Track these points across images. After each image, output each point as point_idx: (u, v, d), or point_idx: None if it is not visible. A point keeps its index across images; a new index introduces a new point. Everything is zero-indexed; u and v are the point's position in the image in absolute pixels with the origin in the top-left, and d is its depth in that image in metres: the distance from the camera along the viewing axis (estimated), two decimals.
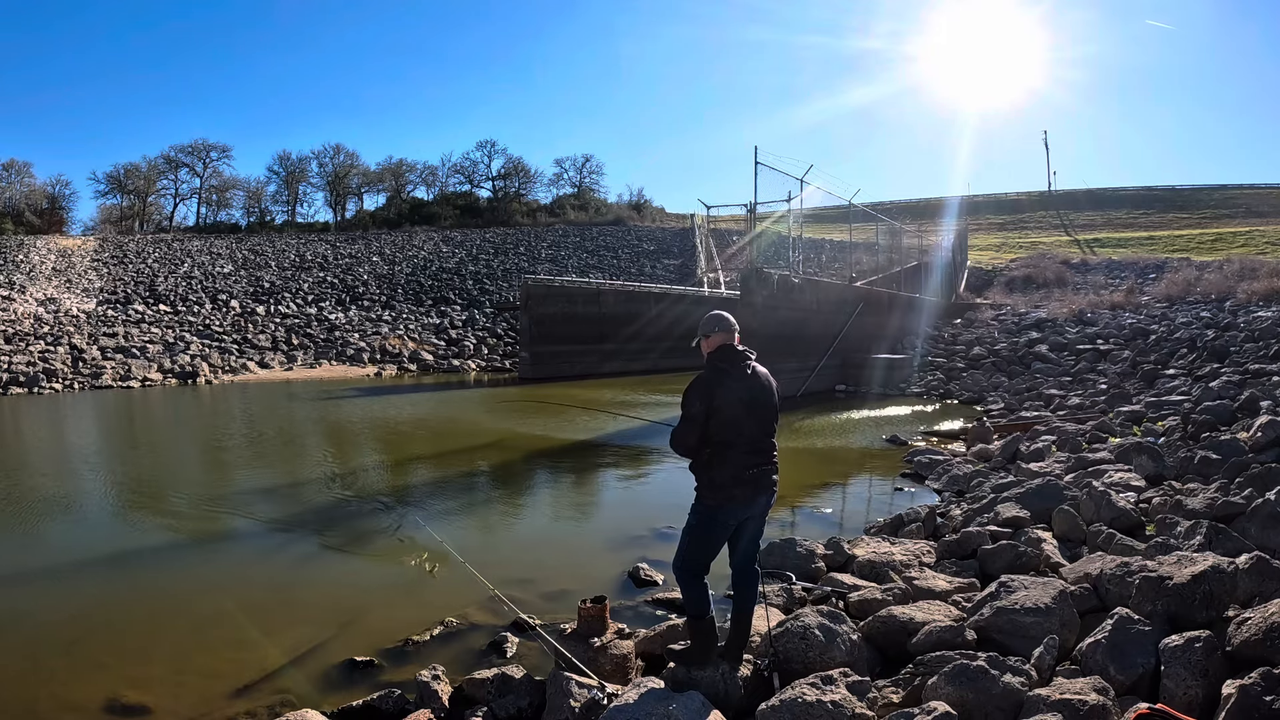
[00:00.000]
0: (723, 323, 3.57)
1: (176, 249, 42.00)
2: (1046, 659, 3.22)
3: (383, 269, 39.52)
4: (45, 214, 52.75)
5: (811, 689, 3.03)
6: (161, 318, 30.75)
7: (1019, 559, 4.88)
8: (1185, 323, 18.25)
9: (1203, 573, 3.40)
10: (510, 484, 9.55)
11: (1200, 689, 2.84)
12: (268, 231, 52.08)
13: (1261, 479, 5.45)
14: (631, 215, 56.43)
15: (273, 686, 3.98)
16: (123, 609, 5.18)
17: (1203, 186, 51.02)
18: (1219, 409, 8.69)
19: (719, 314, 3.62)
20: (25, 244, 38.49)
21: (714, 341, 3.54)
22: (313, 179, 63.85)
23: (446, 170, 64.24)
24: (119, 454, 12.07)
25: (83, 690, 3.95)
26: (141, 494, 8.76)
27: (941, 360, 19.79)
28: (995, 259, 37.36)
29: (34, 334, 26.64)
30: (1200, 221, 41.51)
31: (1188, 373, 13.68)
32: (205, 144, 61.61)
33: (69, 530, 7.40)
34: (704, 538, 3.48)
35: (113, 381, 22.83)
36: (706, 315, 3.64)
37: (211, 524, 7.37)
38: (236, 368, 25.91)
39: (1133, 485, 6.51)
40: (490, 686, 3.61)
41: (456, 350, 29.31)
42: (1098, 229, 43.92)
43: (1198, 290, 22.30)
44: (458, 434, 13.21)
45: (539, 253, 42.87)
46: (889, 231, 28.15)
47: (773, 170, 17.39)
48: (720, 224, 40.09)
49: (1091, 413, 11.78)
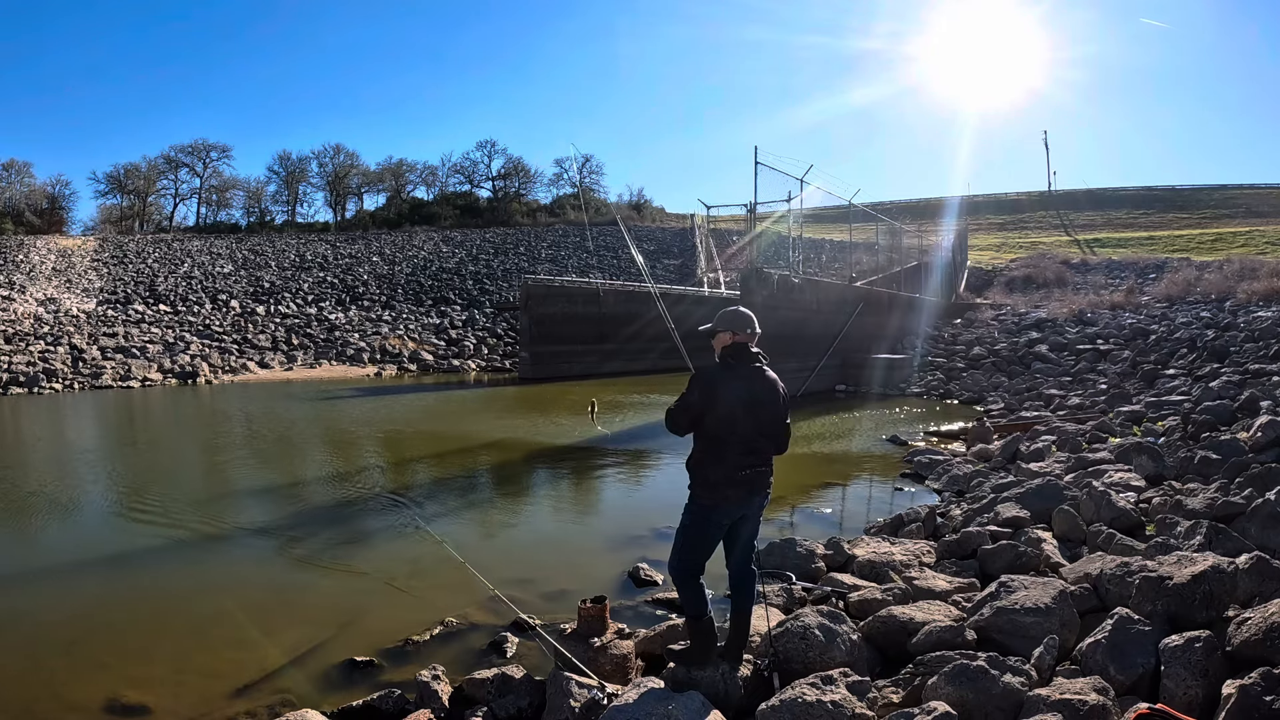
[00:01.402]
0: (736, 321, 3.55)
1: (176, 249, 42.00)
2: (1046, 659, 3.22)
3: (383, 269, 39.51)
4: (45, 214, 52.76)
5: (811, 689, 3.03)
6: (161, 318, 30.75)
7: (1019, 559, 4.88)
8: (1185, 323, 18.25)
9: (1203, 573, 3.40)
10: (510, 484, 9.55)
11: (1200, 689, 2.84)
12: (268, 231, 52.08)
13: (1261, 479, 5.45)
14: (631, 215, 56.41)
15: (273, 686, 3.98)
16: (123, 609, 5.17)
17: (1203, 186, 51.04)
18: (1219, 409, 8.69)
19: (732, 311, 3.60)
20: (25, 244, 38.49)
21: (723, 340, 3.55)
22: (313, 179, 63.93)
23: (446, 170, 64.31)
24: (119, 454, 12.06)
25: (83, 690, 3.94)
26: (141, 494, 8.75)
27: (941, 360, 19.79)
28: (995, 259, 37.37)
29: (34, 334, 26.64)
30: (1200, 221, 41.52)
31: (1188, 373, 13.68)
32: (205, 144, 61.73)
33: (69, 530, 7.40)
34: (698, 537, 3.48)
35: (113, 381, 22.83)
36: (721, 311, 3.64)
37: (211, 524, 7.37)
38: (236, 368, 25.91)
39: (1133, 485, 6.51)
40: (490, 686, 3.61)
41: (456, 350, 29.31)
42: (1098, 229, 43.93)
43: (1198, 290, 22.30)
44: (458, 434, 13.20)
45: (539, 253, 42.86)
46: (889, 231, 28.15)
47: (773, 170, 17.41)
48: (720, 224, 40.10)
49: (1091, 413, 11.78)
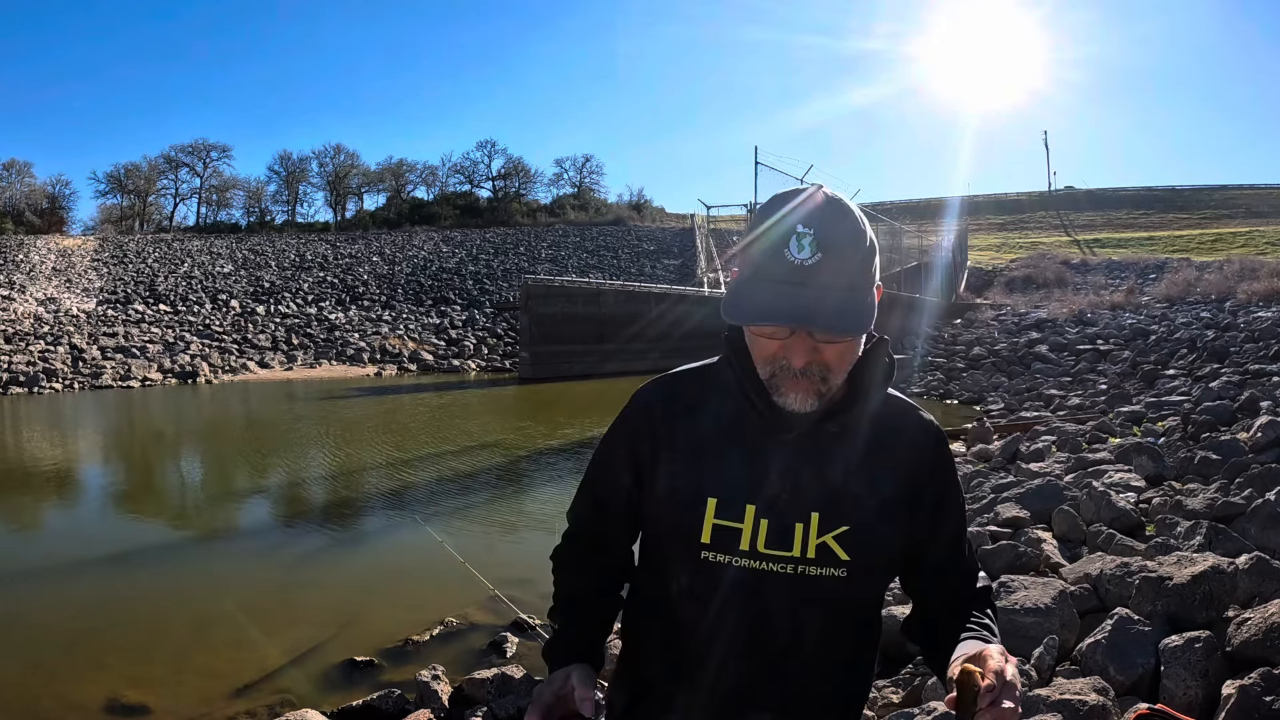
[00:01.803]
0: None
1: (176, 249, 42.00)
2: (1046, 659, 3.22)
3: (383, 269, 39.51)
4: (45, 214, 52.76)
5: None
6: (161, 317, 30.76)
7: (1019, 559, 4.88)
8: (1185, 323, 18.26)
9: (1203, 573, 3.40)
10: (510, 484, 9.55)
11: (1200, 689, 2.84)
12: (268, 231, 52.07)
13: (1261, 479, 5.45)
14: (631, 215, 56.41)
15: (273, 686, 3.99)
16: (123, 609, 5.18)
17: (1203, 187, 51.03)
18: (1219, 409, 8.69)
19: None
20: (25, 244, 38.48)
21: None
22: (313, 179, 63.88)
23: (446, 170, 64.29)
24: (119, 454, 12.06)
25: (83, 690, 3.95)
26: (141, 493, 8.75)
27: (941, 360, 19.80)
28: (995, 259, 37.36)
29: (34, 334, 26.64)
30: (1200, 222, 41.52)
31: (1188, 373, 13.68)
32: (205, 144, 61.66)
33: (69, 530, 7.40)
34: None
35: (113, 381, 22.82)
36: None
37: (211, 523, 7.37)
38: (236, 367, 25.91)
39: (1133, 485, 6.51)
40: (490, 686, 3.61)
41: (456, 350, 29.31)
42: (1098, 229, 43.93)
43: (1198, 290, 22.30)
44: (458, 434, 13.20)
45: (539, 253, 42.86)
46: (889, 232, 28.17)
47: (773, 170, 17.47)
48: (720, 224, 40.14)
49: (1091, 413, 11.78)
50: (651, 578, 1.29)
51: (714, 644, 1.17)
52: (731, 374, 1.19)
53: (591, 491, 1.40)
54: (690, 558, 1.18)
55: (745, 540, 1.14)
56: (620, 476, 1.31)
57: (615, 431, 1.34)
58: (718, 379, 1.24)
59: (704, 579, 1.17)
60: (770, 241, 1.08)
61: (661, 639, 1.25)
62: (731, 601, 1.16)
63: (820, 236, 1.05)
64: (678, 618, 1.21)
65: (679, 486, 1.20)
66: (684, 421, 1.24)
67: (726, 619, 1.17)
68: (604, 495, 1.36)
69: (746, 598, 1.15)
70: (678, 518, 1.19)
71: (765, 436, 1.16)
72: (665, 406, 1.27)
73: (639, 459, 1.26)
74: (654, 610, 1.28)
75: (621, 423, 1.33)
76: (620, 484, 1.31)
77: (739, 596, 1.15)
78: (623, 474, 1.30)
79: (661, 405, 1.27)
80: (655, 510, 1.25)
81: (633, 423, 1.30)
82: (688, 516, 1.17)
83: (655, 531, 1.28)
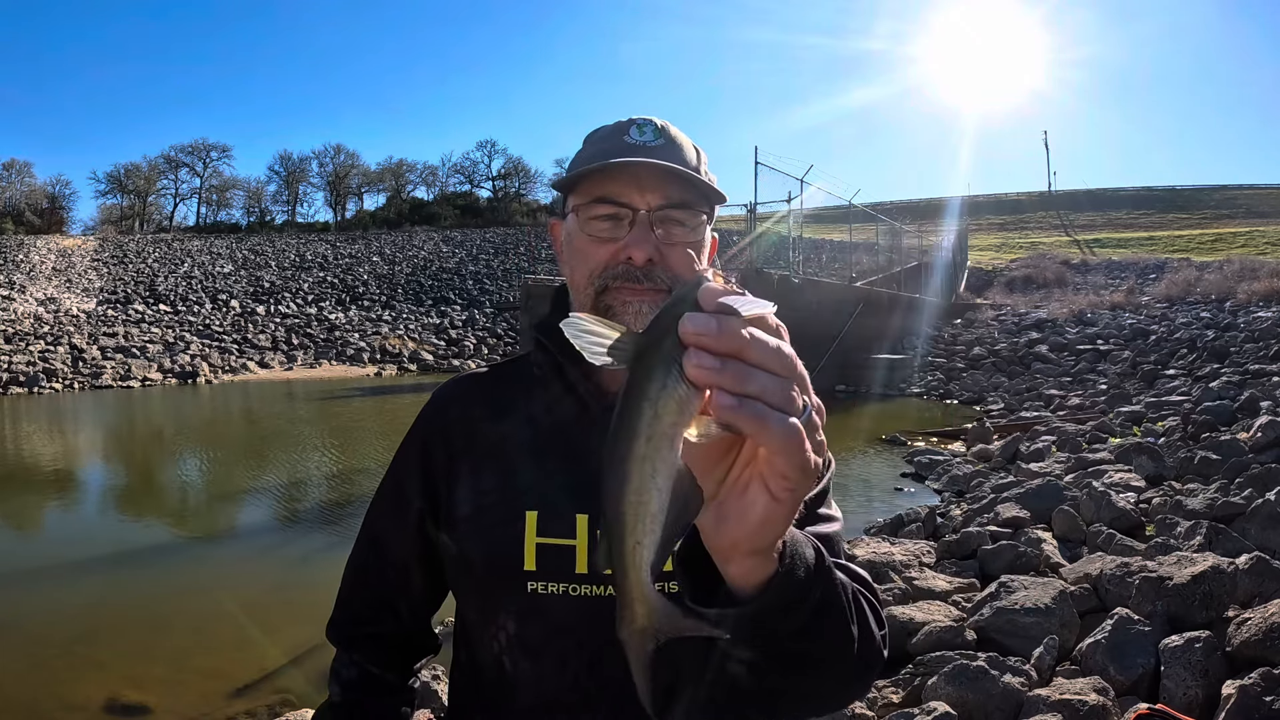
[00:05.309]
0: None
1: (176, 249, 42.02)
2: (1046, 659, 3.22)
3: (383, 269, 39.53)
4: (45, 214, 52.80)
5: None
6: (161, 317, 30.77)
7: (1019, 559, 4.89)
8: (1185, 323, 18.27)
9: (1202, 573, 3.40)
10: None
11: (1200, 689, 2.84)
12: (268, 231, 52.10)
13: (1261, 479, 5.45)
14: None
15: (273, 686, 3.99)
16: (123, 609, 5.18)
17: (1203, 187, 51.07)
18: (1219, 409, 8.70)
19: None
20: (25, 244, 38.50)
21: None
22: (313, 179, 63.99)
23: (446, 170, 64.39)
24: (119, 454, 12.06)
25: (83, 690, 3.95)
26: (141, 493, 8.76)
27: (941, 360, 19.81)
28: (995, 259, 37.36)
29: (34, 334, 26.65)
30: (1200, 222, 41.53)
31: (1188, 373, 13.69)
32: (205, 144, 61.77)
33: (69, 530, 7.40)
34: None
35: (113, 381, 22.82)
36: None
37: (212, 523, 7.38)
38: (236, 367, 25.91)
39: (1133, 485, 6.51)
40: None
41: (456, 350, 29.32)
42: (1098, 229, 43.94)
43: (1198, 291, 22.30)
44: None
45: (539, 253, 42.87)
46: (889, 232, 28.17)
47: (773, 170, 17.41)
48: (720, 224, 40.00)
49: (1091, 413, 11.78)
50: (471, 634, 0.99)
51: (556, 710, 0.91)
52: (545, 358, 0.99)
53: (370, 530, 1.10)
54: (513, 594, 0.91)
55: (581, 560, 0.90)
56: (408, 504, 1.03)
57: (401, 451, 1.07)
58: (527, 372, 1.03)
59: (535, 621, 0.91)
60: (607, 131, 0.98)
61: (490, 710, 0.96)
62: (573, 647, 0.90)
63: (662, 127, 0.97)
64: (508, 680, 0.93)
65: (486, 504, 0.95)
66: (489, 425, 1.00)
67: (569, 670, 0.90)
68: (385, 531, 1.07)
69: (590, 637, 0.88)
70: (490, 544, 0.93)
71: (592, 429, 0.93)
72: (462, 408, 1.03)
73: (432, 475, 1.00)
74: (477, 674, 0.97)
75: (409, 439, 1.07)
76: (407, 516, 1.02)
77: (580, 636, 0.89)
78: (412, 500, 1.02)
79: (459, 406, 1.03)
80: (460, 542, 0.96)
81: (424, 432, 1.04)
82: (502, 539, 0.92)
83: (465, 570, 0.97)
